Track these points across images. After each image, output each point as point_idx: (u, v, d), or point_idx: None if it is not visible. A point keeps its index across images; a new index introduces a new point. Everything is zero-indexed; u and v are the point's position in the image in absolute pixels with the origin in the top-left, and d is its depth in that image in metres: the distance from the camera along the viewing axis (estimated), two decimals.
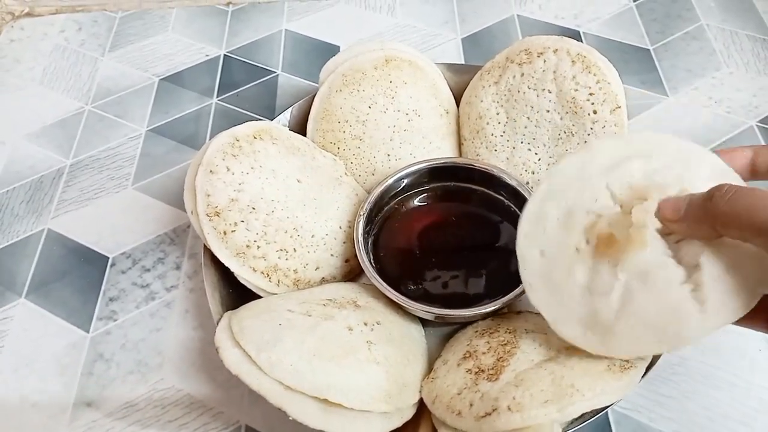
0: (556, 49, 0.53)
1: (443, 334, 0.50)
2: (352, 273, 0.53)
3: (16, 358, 0.51)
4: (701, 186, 0.35)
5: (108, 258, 0.57)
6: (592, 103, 0.52)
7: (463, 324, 0.49)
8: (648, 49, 0.71)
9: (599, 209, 0.40)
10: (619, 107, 0.52)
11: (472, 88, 0.57)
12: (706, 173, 0.37)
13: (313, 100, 0.57)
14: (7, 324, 0.53)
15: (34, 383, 0.50)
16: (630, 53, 0.71)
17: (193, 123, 0.67)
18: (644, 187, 0.38)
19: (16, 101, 0.70)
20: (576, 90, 0.52)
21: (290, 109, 0.58)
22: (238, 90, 0.70)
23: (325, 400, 0.38)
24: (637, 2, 0.77)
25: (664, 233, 0.36)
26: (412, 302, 0.46)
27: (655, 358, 0.41)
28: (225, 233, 0.47)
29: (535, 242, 0.42)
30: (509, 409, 0.37)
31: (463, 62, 0.71)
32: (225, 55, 0.74)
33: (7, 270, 0.57)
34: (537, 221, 0.42)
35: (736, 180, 0.37)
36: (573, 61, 0.52)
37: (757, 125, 0.63)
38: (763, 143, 0.62)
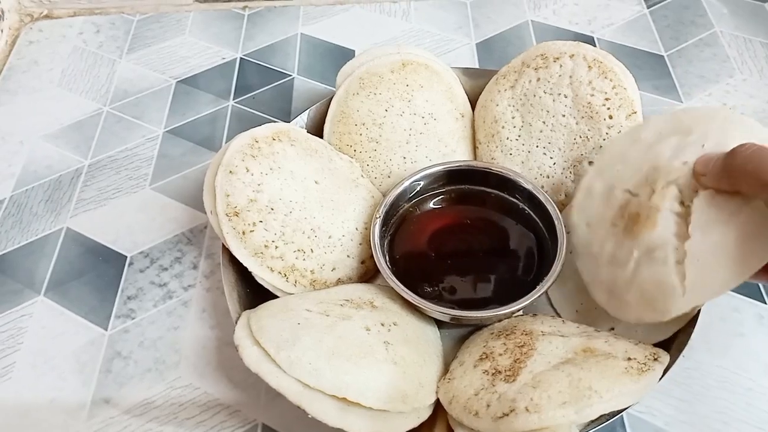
0: (573, 54, 0.53)
1: (458, 336, 0.50)
2: (367, 274, 0.54)
3: (34, 355, 0.52)
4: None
5: (126, 257, 0.58)
6: (608, 108, 0.52)
7: (479, 326, 0.49)
8: (662, 55, 0.72)
9: (634, 188, 0.45)
10: (635, 112, 0.53)
11: (487, 92, 0.58)
12: (738, 139, 0.39)
13: (329, 103, 0.58)
14: (26, 321, 0.54)
15: (52, 380, 0.51)
16: (643, 59, 0.71)
17: (209, 125, 0.68)
18: (662, 168, 0.43)
19: (35, 102, 0.71)
20: (592, 95, 0.53)
21: (307, 111, 0.59)
22: (254, 93, 0.71)
23: (344, 399, 0.39)
24: (650, 9, 0.77)
25: (697, 189, 0.40)
26: (428, 303, 0.47)
27: (671, 363, 0.41)
28: (244, 233, 0.48)
29: (583, 213, 0.48)
30: (527, 410, 0.37)
31: (477, 67, 0.72)
32: (241, 58, 0.74)
33: (26, 268, 0.57)
34: (587, 194, 0.48)
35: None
36: (589, 66, 0.53)
37: None
38: None
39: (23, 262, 0.58)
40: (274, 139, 0.51)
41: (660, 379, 0.39)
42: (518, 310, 0.47)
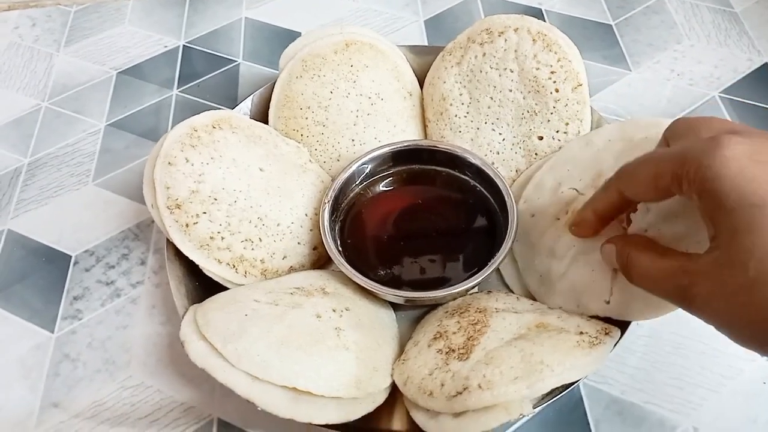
0: (517, 28, 0.53)
1: (415, 318, 0.49)
2: (320, 260, 0.53)
3: None
4: None
5: (71, 256, 0.56)
6: (554, 82, 0.52)
7: (434, 306, 0.49)
8: (610, 25, 0.71)
9: (581, 188, 0.47)
10: (581, 85, 0.52)
11: (434, 70, 0.57)
12: None
13: (273, 88, 0.56)
14: None
15: None
16: (592, 29, 0.71)
17: (153, 116, 0.66)
18: (606, 173, 0.44)
19: None
20: (537, 69, 0.52)
21: (251, 97, 0.57)
22: (199, 80, 0.69)
23: (294, 389, 0.38)
24: None
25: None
26: (381, 287, 0.46)
27: (623, 333, 0.41)
28: (187, 226, 0.46)
29: (531, 205, 0.50)
30: (480, 387, 0.37)
31: (426, 44, 0.71)
32: (184, 45, 0.72)
33: None
34: (537, 187, 0.50)
35: None
36: (534, 40, 0.52)
37: (719, 96, 0.64)
38: (726, 114, 0.62)
39: None
40: (214, 127, 0.49)
41: (611, 350, 0.39)
42: (471, 288, 0.47)
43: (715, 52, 0.68)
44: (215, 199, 0.47)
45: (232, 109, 0.56)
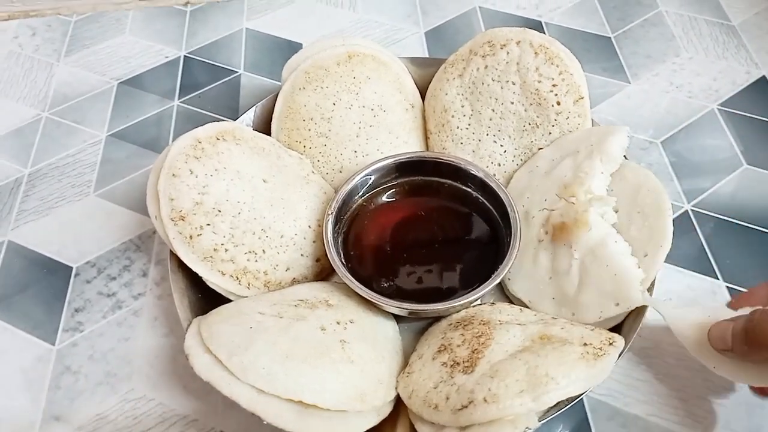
0: (519, 41, 0.53)
1: (418, 329, 0.49)
2: (323, 272, 0.53)
3: None
4: (617, 154, 0.49)
5: (72, 268, 0.56)
6: (556, 94, 0.52)
7: (437, 318, 0.49)
8: (609, 37, 0.72)
9: (549, 205, 0.49)
10: (582, 98, 0.52)
11: (436, 81, 0.57)
12: (618, 147, 0.49)
13: (276, 99, 0.56)
14: None
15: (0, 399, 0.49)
16: (591, 41, 0.72)
17: (154, 126, 0.66)
18: (571, 183, 0.48)
19: None
20: (539, 81, 0.52)
21: (253, 108, 0.57)
22: (200, 91, 0.69)
23: (300, 402, 0.38)
24: None
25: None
26: (384, 299, 0.46)
27: (626, 344, 0.41)
28: (191, 237, 0.46)
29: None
30: (485, 400, 0.37)
31: (426, 56, 0.71)
32: (185, 56, 0.72)
33: None
34: None
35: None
36: (536, 53, 0.52)
37: (717, 108, 0.64)
38: (724, 126, 0.63)
39: None
40: (218, 139, 0.49)
41: (616, 361, 0.39)
42: (475, 300, 0.47)
43: (713, 64, 0.68)
44: (219, 211, 0.47)
45: (235, 120, 0.56)
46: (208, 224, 0.47)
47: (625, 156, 0.51)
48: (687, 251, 0.54)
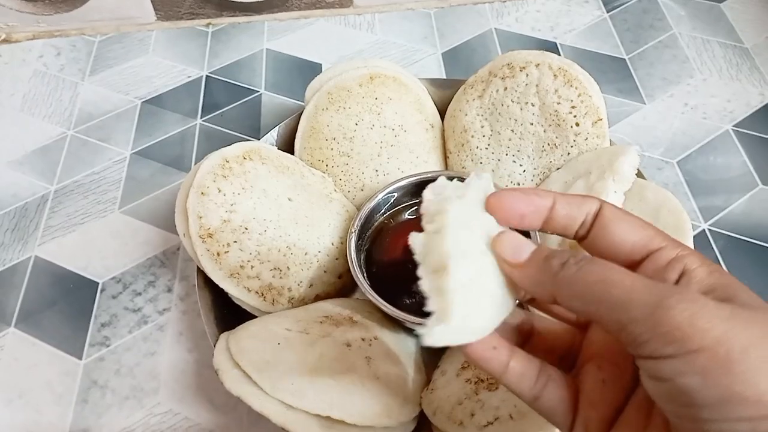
0: (538, 64, 0.54)
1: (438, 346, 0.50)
2: (345, 289, 0.53)
3: (8, 388, 0.51)
4: (628, 173, 0.48)
5: (98, 283, 0.57)
6: (575, 116, 0.53)
7: None
8: (623, 59, 0.73)
9: None
10: (601, 119, 0.53)
11: (456, 102, 0.58)
12: (629, 166, 0.49)
13: (299, 119, 0.58)
14: None
15: (28, 413, 0.49)
16: (606, 63, 0.73)
17: (177, 145, 0.67)
18: None
19: None
20: (558, 103, 0.53)
21: (277, 128, 0.58)
22: (222, 110, 0.70)
23: (328, 418, 0.39)
24: (610, 13, 0.79)
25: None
26: (408, 316, 0.47)
27: None
28: (218, 254, 0.47)
29: None
30: (511, 417, 0.38)
31: (444, 77, 0.72)
32: (207, 75, 0.74)
33: None
34: None
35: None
36: (555, 75, 0.53)
37: (732, 130, 0.65)
38: (738, 147, 0.64)
39: None
40: (245, 158, 0.50)
41: None
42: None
43: (727, 86, 0.69)
44: (246, 229, 0.48)
45: (258, 139, 0.58)
46: (235, 241, 0.48)
47: (644, 177, 0.52)
48: None
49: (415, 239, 0.29)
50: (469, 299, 0.26)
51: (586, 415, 0.27)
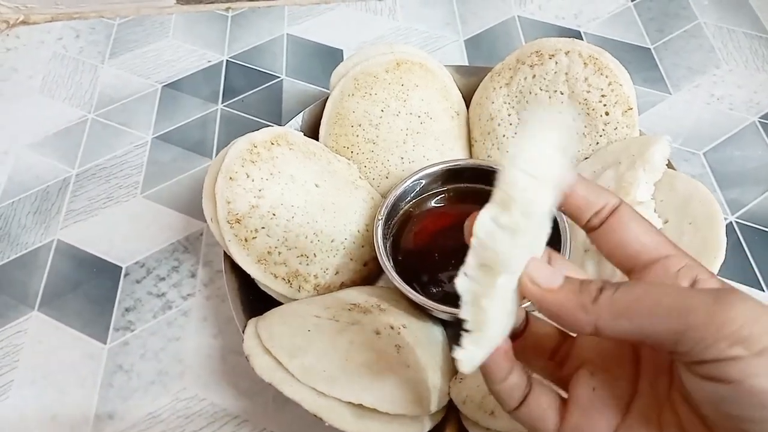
0: (568, 51, 0.53)
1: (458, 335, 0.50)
2: (370, 276, 0.53)
3: (32, 371, 0.51)
4: (659, 163, 0.47)
5: (121, 268, 0.56)
6: (605, 105, 0.53)
7: None
8: (648, 48, 0.72)
9: None
10: (631, 108, 0.53)
11: (482, 90, 0.58)
12: (660, 156, 0.47)
13: (323, 105, 0.57)
14: (21, 337, 0.53)
15: (53, 396, 0.49)
16: (631, 52, 0.72)
17: (199, 129, 0.67)
18: (615, 192, 0.46)
19: (17, 111, 0.69)
20: (588, 92, 0.53)
21: (302, 113, 0.58)
22: (243, 95, 0.70)
23: (360, 406, 0.38)
24: (634, 2, 0.78)
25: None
26: (435, 304, 0.46)
27: None
28: (246, 240, 0.47)
29: None
30: None
31: (466, 64, 0.72)
32: (227, 60, 0.73)
33: (17, 282, 0.56)
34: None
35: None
36: (585, 63, 0.53)
37: (759, 121, 0.65)
38: (766, 139, 0.63)
39: (14, 277, 0.56)
40: (272, 144, 0.50)
41: None
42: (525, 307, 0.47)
43: (753, 77, 0.69)
44: (274, 215, 0.48)
45: (281, 124, 0.57)
46: (263, 227, 0.47)
47: (674, 167, 0.51)
48: (732, 262, 0.54)
49: (481, 226, 0.27)
50: (498, 316, 0.27)
51: (575, 422, 0.27)
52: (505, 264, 0.26)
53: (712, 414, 0.24)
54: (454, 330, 0.50)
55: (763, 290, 0.53)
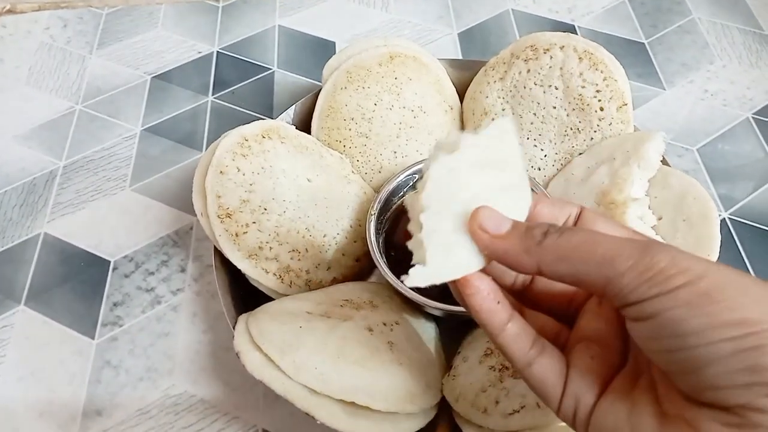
0: (563, 46, 0.53)
1: (456, 331, 0.49)
2: (362, 272, 0.53)
3: (19, 366, 0.50)
4: (654, 159, 0.48)
5: (109, 262, 0.56)
6: (599, 100, 0.52)
7: None
8: (643, 43, 0.72)
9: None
10: (626, 104, 0.53)
11: (476, 84, 0.57)
12: (654, 152, 0.48)
13: (316, 98, 0.56)
14: (8, 332, 0.52)
15: (40, 392, 0.49)
16: (625, 47, 0.72)
17: (189, 122, 0.66)
18: (609, 190, 0.48)
19: (2, 102, 0.68)
20: (583, 87, 0.52)
21: (293, 106, 0.57)
22: (234, 87, 0.69)
23: (352, 404, 0.38)
24: None
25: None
26: (428, 300, 0.46)
27: None
28: (237, 235, 0.46)
29: None
30: (538, 406, 0.37)
31: (460, 57, 0.71)
32: (218, 52, 0.72)
33: (3, 276, 0.55)
34: None
35: None
36: (580, 58, 0.52)
37: (752, 117, 0.65)
38: (759, 135, 0.63)
39: (0, 271, 0.55)
40: (264, 137, 0.49)
41: None
42: None
43: (746, 73, 0.68)
44: (265, 209, 0.47)
45: (273, 117, 0.57)
46: (254, 222, 0.47)
47: (668, 164, 0.51)
48: (724, 258, 0.54)
49: (407, 199, 0.30)
50: (443, 245, 0.28)
51: (576, 385, 0.29)
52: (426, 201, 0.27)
53: (651, 355, 0.26)
54: (447, 326, 0.50)
55: None
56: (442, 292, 0.49)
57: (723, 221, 0.57)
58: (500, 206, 0.29)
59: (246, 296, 0.48)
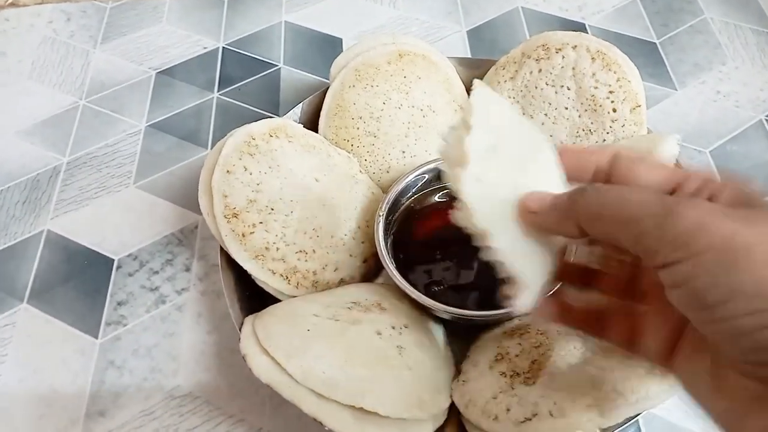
0: (575, 45, 0.52)
1: (465, 336, 0.49)
2: (369, 273, 0.52)
3: (21, 366, 0.49)
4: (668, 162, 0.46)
5: (113, 260, 0.55)
6: (612, 102, 0.52)
7: (487, 325, 0.48)
8: (654, 43, 0.71)
9: None
10: (639, 106, 0.52)
11: (486, 83, 0.56)
12: (669, 155, 0.47)
13: (323, 96, 0.55)
14: (10, 331, 0.51)
15: (42, 392, 0.48)
16: (636, 47, 0.71)
17: (194, 118, 0.65)
18: None
19: (5, 97, 0.67)
20: (596, 87, 0.52)
21: (301, 104, 0.56)
22: (240, 84, 0.68)
23: (360, 409, 0.37)
24: None
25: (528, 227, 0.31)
26: (438, 304, 0.45)
27: None
28: (243, 235, 0.46)
29: None
30: (551, 414, 0.36)
31: (469, 55, 0.70)
32: (224, 47, 0.71)
33: (6, 274, 0.54)
34: None
35: None
36: (593, 58, 0.52)
37: (765, 119, 0.64)
38: None
39: (3, 268, 0.55)
40: (271, 136, 0.48)
41: None
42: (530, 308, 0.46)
43: (759, 74, 0.67)
44: (272, 209, 0.46)
45: (279, 115, 0.56)
46: (261, 222, 0.46)
47: (680, 166, 0.50)
48: None
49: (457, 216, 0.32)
50: (521, 254, 0.31)
51: (650, 335, 0.30)
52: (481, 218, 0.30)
53: (690, 318, 0.25)
54: (455, 329, 0.49)
55: None
56: (450, 294, 0.48)
57: None
58: (536, 182, 0.30)
59: (252, 297, 0.48)
